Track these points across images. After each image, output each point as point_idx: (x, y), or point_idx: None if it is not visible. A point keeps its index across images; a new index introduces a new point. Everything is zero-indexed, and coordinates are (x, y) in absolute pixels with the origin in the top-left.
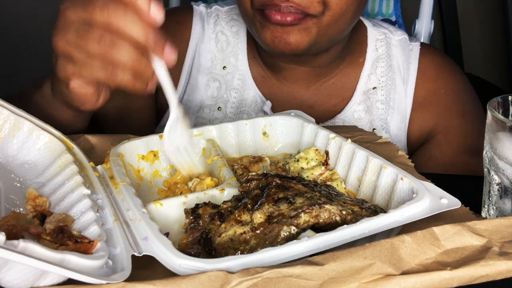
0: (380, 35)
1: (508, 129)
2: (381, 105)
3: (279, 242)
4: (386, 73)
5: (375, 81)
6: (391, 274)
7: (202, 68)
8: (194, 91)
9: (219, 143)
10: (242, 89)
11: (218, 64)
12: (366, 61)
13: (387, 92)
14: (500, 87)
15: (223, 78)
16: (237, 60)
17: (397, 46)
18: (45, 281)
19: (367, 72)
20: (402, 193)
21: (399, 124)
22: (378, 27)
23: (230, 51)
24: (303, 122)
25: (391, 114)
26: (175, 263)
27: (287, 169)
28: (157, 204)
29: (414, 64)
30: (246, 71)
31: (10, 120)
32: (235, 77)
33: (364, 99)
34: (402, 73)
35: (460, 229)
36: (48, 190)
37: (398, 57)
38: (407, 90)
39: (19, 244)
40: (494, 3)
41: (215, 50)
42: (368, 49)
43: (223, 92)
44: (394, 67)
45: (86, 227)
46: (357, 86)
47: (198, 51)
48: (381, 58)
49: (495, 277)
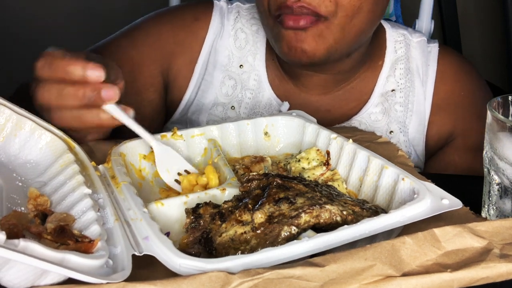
0: (399, 37)
1: (508, 129)
2: (400, 107)
3: (280, 242)
4: (405, 75)
5: (394, 83)
6: (391, 275)
7: (218, 64)
8: (209, 88)
9: (220, 143)
10: (257, 90)
11: (235, 62)
12: (385, 63)
13: (406, 95)
14: (500, 87)
15: (239, 77)
16: (255, 59)
17: (416, 48)
18: (45, 280)
19: (386, 74)
20: (403, 194)
21: (418, 127)
22: (397, 29)
23: (248, 49)
24: (304, 122)
25: (410, 116)
26: (176, 263)
27: (289, 169)
28: (158, 203)
29: (433, 66)
30: (263, 72)
31: (12, 119)
32: (251, 77)
33: (381, 101)
34: (421, 76)
35: (461, 230)
36: (50, 190)
37: (417, 59)
38: (426, 92)
39: (19, 243)
40: (494, 3)
41: (233, 47)
42: (387, 51)
43: (238, 92)
44: (413, 69)
45: (87, 227)
46: (375, 88)
47: (215, 47)
48: (400, 60)
49: (495, 279)
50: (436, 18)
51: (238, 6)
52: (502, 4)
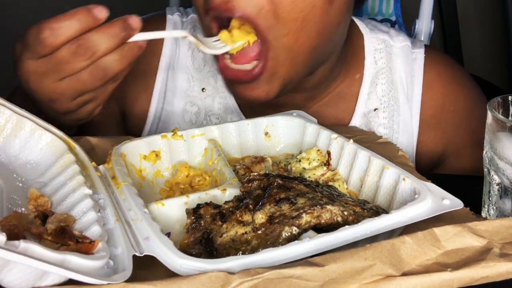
0: (379, 44)
1: (508, 129)
2: (384, 129)
3: (281, 242)
4: (388, 92)
5: (376, 100)
6: (391, 275)
7: (178, 90)
8: (170, 118)
9: (221, 143)
10: (224, 115)
11: (196, 86)
12: (365, 77)
13: (389, 115)
14: (500, 87)
15: (202, 102)
16: (217, 80)
17: (399, 55)
18: (46, 281)
19: (366, 91)
20: (404, 194)
21: (406, 148)
22: (376, 33)
23: (208, 70)
24: (305, 122)
25: (396, 139)
26: (176, 263)
27: (289, 170)
28: (159, 204)
29: (419, 78)
30: (228, 94)
31: (12, 120)
32: (215, 100)
33: (364, 122)
34: (406, 89)
35: (461, 230)
36: (50, 190)
37: (401, 70)
38: (412, 109)
39: (20, 244)
40: (494, 3)
41: (191, 69)
42: (366, 63)
43: (202, 118)
44: (396, 82)
45: (88, 227)
46: (356, 107)
47: (172, 71)
48: (381, 72)
49: (495, 279)
50: (436, 18)
51: (193, 19)
52: (502, 4)
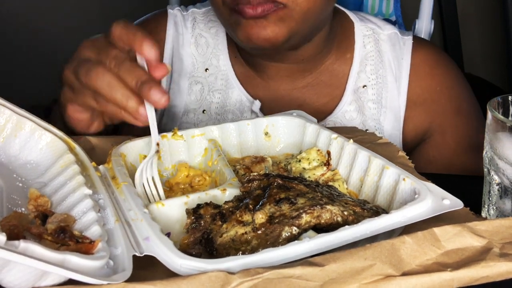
0: (368, 31)
1: (508, 129)
2: (373, 104)
3: (281, 242)
4: (376, 71)
5: (365, 79)
6: (391, 275)
7: (183, 72)
8: (177, 96)
9: (221, 143)
10: (225, 90)
11: (200, 67)
12: (355, 58)
13: (378, 91)
14: (500, 87)
15: (205, 80)
16: (219, 60)
17: (386, 41)
18: (46, 281)
19: (356, 69)
20: (404, 194)
21: (393, 123)
22: (365, 22)
23: (210, 52)
24: (305, 122)
25: (384, 113)
26: (176, 264)
27: (289, 170)
28: (159, 204)
29: (407, 60)
30: (229, 71)
31: (12, 120)
32: (217, 77)
33: (355, 98)
34: (394, 70)
35: (461, 229)
36: (50, 190)
37: (389, 53)
38: (400, 88)
39: (20, 244)
40: (494, 3)
41: (196, 53)
42: (356, 46)
43: (206, 94)
44: (385, 63)
45: (88, 227)
46: (347, 84)
47: (178, 56)
48: (370, 55)
49: (495, 278)
50: (436, 18)
51: (193, 12)
52: (502, 4)
